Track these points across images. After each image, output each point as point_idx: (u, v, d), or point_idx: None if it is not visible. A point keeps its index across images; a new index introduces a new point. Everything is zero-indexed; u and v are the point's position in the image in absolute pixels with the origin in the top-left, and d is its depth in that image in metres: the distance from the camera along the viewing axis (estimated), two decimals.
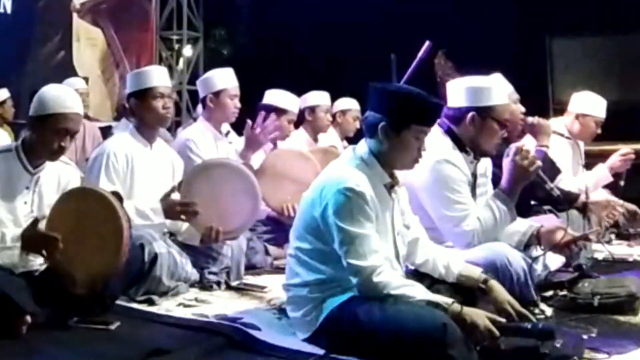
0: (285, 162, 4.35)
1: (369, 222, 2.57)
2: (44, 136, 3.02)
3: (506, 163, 3.17)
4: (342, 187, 2.56)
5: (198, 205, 3.47)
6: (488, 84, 3.26)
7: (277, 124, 4.44)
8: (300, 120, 5.45)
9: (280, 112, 4.74)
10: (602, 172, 4.85)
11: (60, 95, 3.05)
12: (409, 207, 2.90)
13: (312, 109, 5.44)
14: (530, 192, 3.44)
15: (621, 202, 4.87)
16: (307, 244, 2.69)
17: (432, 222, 3.14)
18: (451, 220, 3.13)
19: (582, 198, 4.30)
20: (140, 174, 3.60)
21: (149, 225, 3.43)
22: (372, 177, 2.65)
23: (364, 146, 2.72)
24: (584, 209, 4.23)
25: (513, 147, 3.19)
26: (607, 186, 5.04)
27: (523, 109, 4.00)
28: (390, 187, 2.72)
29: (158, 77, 3.75)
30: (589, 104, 4.83)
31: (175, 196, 3.53)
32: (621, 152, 4.91)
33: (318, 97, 5.52)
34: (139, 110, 3.69)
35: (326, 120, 5.54)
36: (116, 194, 3.02)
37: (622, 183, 4.91)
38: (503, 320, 2.55)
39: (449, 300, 2.54)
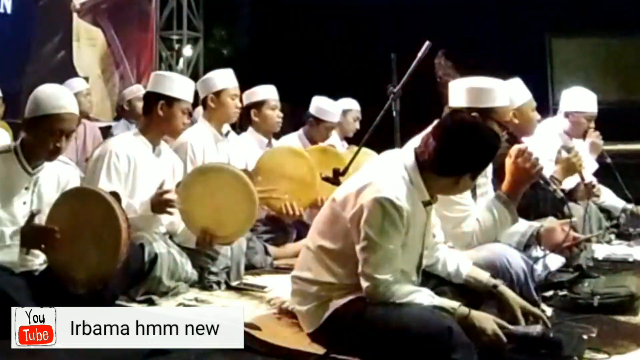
0: (278, 161, 4.34)
1: (397, 237, 2.51)
2: (39, 137, 3.02)
3: (508, 165, 3.16)
4: (382, 197, 2.48)
5: (188, 203, 3.48)
6: (490, 85, 3.24)
7: None
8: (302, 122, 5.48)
9: (259, 104, 4.78)
10: (588, 164, 4.86)
11: (53, 96, 3.04)
12: (436, 215, 2.86)
13: (317, 121, 5.35)
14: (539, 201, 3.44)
15: (629, 206, 4.91)
16: (329, 243, 2.64)
17: None
18: (451, 221, 3.12)
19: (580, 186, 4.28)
20: (143, 176, 3.60)
21: (143, 219, 3.42)
22: (412, 192, 2.58)
23: (411, 157, 2.63)
24: (588, 193, 4.20)
25: (515, 149, 3.18)
26: (608, 184, 5.05)
27: (539, 117, 3.99)
28: (428, 204, 2.66)
29: (189, 92, 3.83)
30: (577, 101, 4.80)
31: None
32: (589, 134, 4.88)
33: (325, 111, 5.38)
34: (162, 116, 3.68)
35: (325, 136, 5.44)
36: (114, 194, 3.02)
37: (609, 160, 4.93)
38: (510, 326, 2.54)
39: (456, 304, 2.53)
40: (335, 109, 5.48)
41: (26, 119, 3.06)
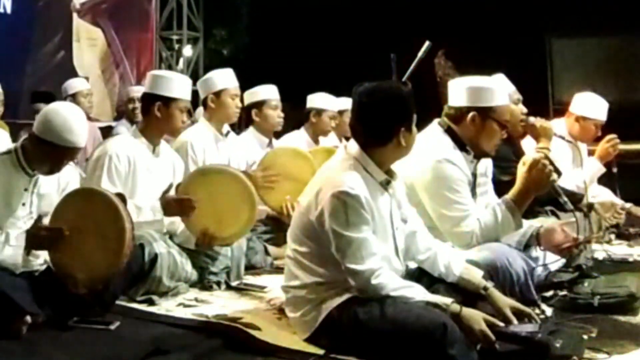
0: (282, 161, 4.34)
1: (365, 225, 2.56)
2: (40, 157, 3.02)
3: (520, 173, 3.15)
4: (337, 191, 2.54)
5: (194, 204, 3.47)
6: (490, 85, 3.25)
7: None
8: (303, 121, 5.48)
9: (260, 104, 4.80)
10: (595, 165, 4.85)
11: (65, 128, 2.96)
12: (406, 199, 2.87)
13: (319, 112, 5.44)
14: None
15: (627, 205, 4.89)
16: (305, 247, 2.68)
17: (433, 221, 3.13)
18: (450, 221, 3.13)
19: (588, 199, 4.29)
20: (143, 177, 3.59)
21: (148, 223, 3.43)
22: (366, 176, 2.63)
23: (354, 145, 2.70)
24: (588, 210, 4.22)
25: (530, 158, 3.17)
26: (606, 184, 5.05)
27: (525, 110, 4.00)
28: (387, 183, 2.71)
29: (186, 90, 3.80)
30: (589, 107, 4.81)
31: (173, 193, 3.52)
32: (607, 139, 4.89)
33: (325, 101, 5.49)
34: (160, 116, 3.68)
35: (329, 126, 5.53)
36: (120, 195, 3.02)
37: (615, 170, 4.92)
38: (501, 323, 2.55)
39: (448, 300, 2.54)
40: (332, 98, 5.55)
41: (33, 132, 3.02)
